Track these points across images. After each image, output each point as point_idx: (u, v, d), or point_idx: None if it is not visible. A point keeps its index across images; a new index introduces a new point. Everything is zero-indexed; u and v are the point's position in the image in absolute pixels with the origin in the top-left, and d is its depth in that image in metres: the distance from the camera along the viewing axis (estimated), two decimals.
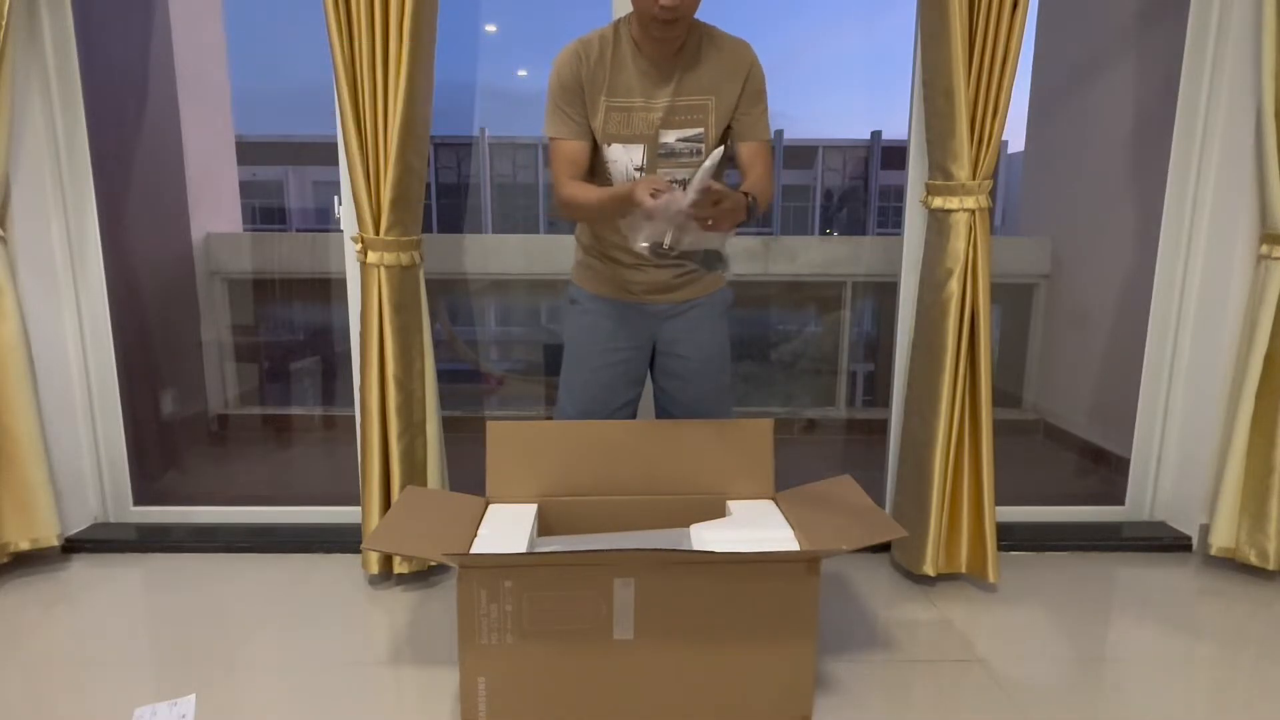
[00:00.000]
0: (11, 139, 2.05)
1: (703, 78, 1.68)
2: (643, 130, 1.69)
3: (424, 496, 1.88)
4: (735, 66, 1.69)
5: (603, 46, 1.68)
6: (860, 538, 1.56)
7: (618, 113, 1.69)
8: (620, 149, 1.71)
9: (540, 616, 1.45)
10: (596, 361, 1.85)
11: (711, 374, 1.89)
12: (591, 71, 1.67)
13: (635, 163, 1.71)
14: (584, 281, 1.87)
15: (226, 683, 1.68)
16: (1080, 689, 1.68)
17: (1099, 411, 3.13)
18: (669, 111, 1.68)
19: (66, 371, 2.29)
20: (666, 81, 1.67)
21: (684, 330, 1.85)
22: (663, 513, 1.81)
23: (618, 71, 1.67)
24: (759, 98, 1.72)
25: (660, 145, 1.70)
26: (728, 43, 1.70)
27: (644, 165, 1.71)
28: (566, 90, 1.68)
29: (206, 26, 3.41)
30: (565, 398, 1.89)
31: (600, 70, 1.67)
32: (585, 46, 1.68)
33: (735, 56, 1.69)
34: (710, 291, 1.86)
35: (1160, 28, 2.71)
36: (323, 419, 3.56)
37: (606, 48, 1.67)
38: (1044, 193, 3.62)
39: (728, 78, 1.68)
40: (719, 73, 1.68)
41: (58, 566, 2.21)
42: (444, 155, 7.90)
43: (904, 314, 2.21)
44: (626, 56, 1.67)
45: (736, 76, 1.69)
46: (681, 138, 1.70)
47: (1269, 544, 2.11)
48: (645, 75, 1.67)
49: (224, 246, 3.41)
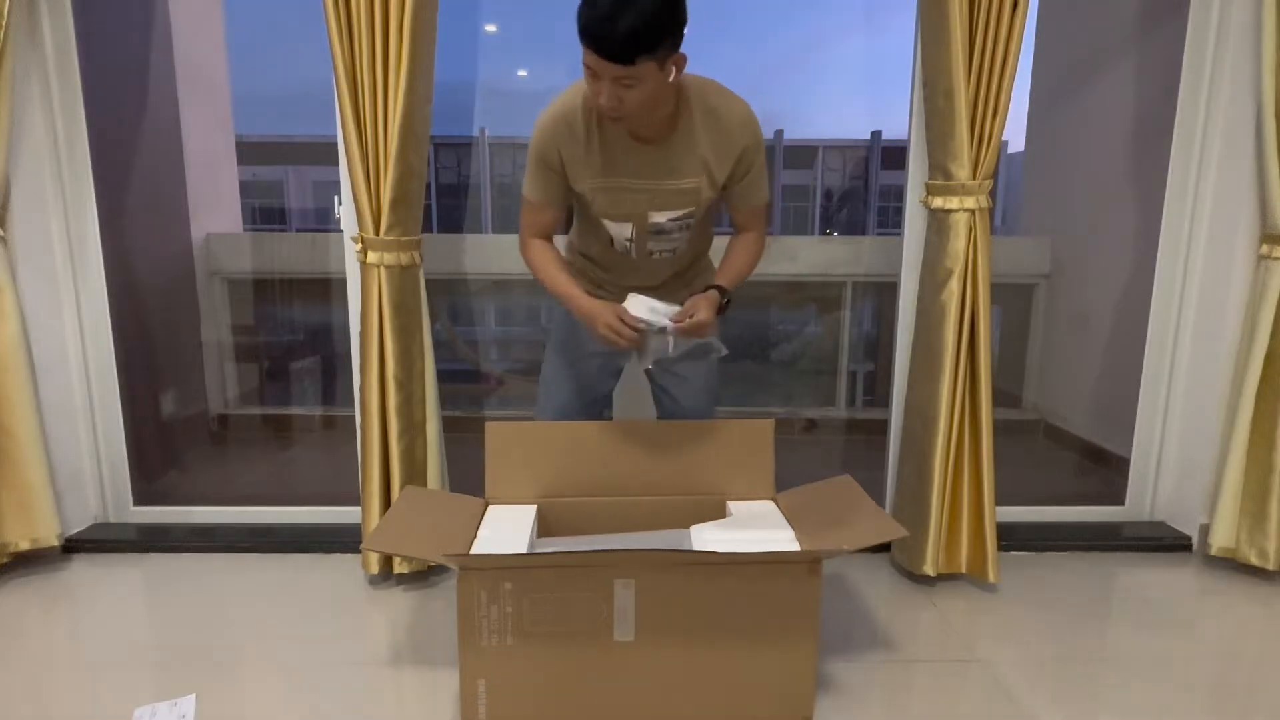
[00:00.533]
0: (11, 139, 2.05)
1: (693, 159, 1.59)
2: (631, 210, 1.66)
3: (423, 497, 1.88)
4: (730, 148, 1.59)
5: (587, 121, 1.58)
6: (860, 538, 1.56)
7: (604, 193, 1.64)
8: (611, 223, 1.70)
9: (540, 618, 1.45)
10: (576, 354, 1.87)
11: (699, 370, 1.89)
12: (575, 151, 1.60)
13: (625, 235, 1.72)
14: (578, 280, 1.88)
15: (226, 683, 1.68)
16: (1080, 689, 1.68)
17: (1099, 411, 3.13)
18: (656, 194, 1.63)
19: (66, 371, 2.29)
20: (652, 163, 1.59)
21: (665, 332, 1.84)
22: (663, 513, 1.81)
23: (599, 151, 1.59)
24: (757, 167, 1.64)
25: (650, 224, 1.68)
26: (726, 118, 1.58)
27: (633, 238, 1.72)
28: (545, 163, 1.63)
29: (206, 26, 3.42)
30: (545, 389, 1.92)
31: (585, 150, 1.59)
32: (569, 121, 1.58)
33: (730, 135, 1.59)
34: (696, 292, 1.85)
35: (1160, 28, 2.71)
36: (323, 419, 3.56)
37: (591, 122, 1.58)
38: (1044, 193, 3.62)
39: (721, 157, 1.60)
40: (711, 154, 1.59)
41: (58, 566, 2.21)
42: (444, 155, 7.90)
43: (904, 314, 2.21)
44: (611, 135, 1.58)
45: (730, 155, 1.60)
46: (673, 218, 1.68)
47: (1269, 544, 2.11)
48: (629, 155, 1.59)
49: (224, 246, 3.42)
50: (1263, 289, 2.09)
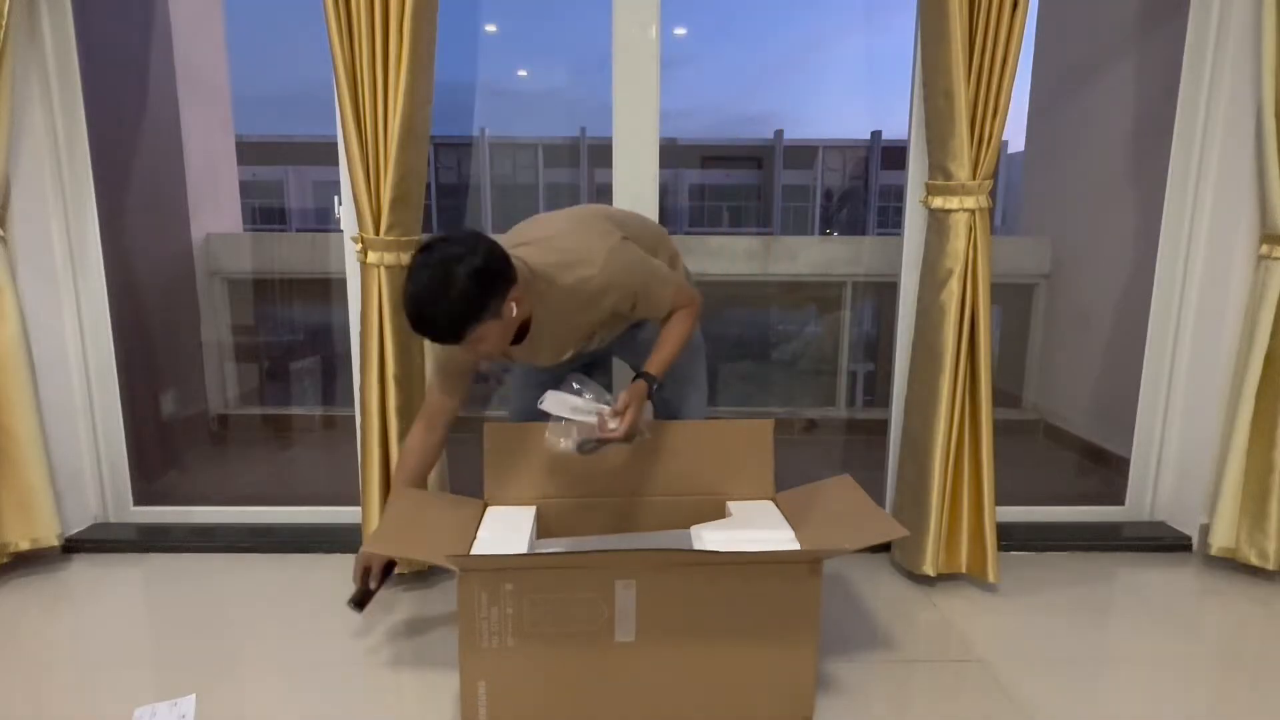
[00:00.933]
0: (11, 139, 2.05)
1: (574, 332, 1.68)
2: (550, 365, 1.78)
3: (421, 498, 1.88)
4: (597, 309, 1.62)
5: None
6: (861, 538, 1.56)
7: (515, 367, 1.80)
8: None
9: (541, 619, 1.45)
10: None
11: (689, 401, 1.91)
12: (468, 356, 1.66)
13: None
14: None
15: (226, 683, 1.68)
16: (1080, 689, 1.68)
17: (1099, 411, 3.13)
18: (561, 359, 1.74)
19: (66, 371, 2.29)
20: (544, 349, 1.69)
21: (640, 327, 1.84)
22: (662, 514, 1.81)
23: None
24: (639, 294, 1.64)
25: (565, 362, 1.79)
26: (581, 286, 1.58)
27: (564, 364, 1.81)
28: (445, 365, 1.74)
29: (206, 26, 3.42)
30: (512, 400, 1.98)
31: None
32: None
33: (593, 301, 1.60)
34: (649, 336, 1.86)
35: (1160, 28, 2.71)
36: (323, 419, 3.57)
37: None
38: (1044, 193, 3.62)
39: (597, 319, 1.66)
40: (587, 320, 1.65)
41: (58, 566, 2.21)
42: (444, 155, 7.90)
43: (904, 314, 2.21)
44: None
45: (603, 311, 1.63)
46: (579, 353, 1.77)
47: (1269, 544, 2.11)
48: (523, 351, 1.68)
49: (224, 246, 3.42)
50: (1263, 289, 2.10)
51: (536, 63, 4.16)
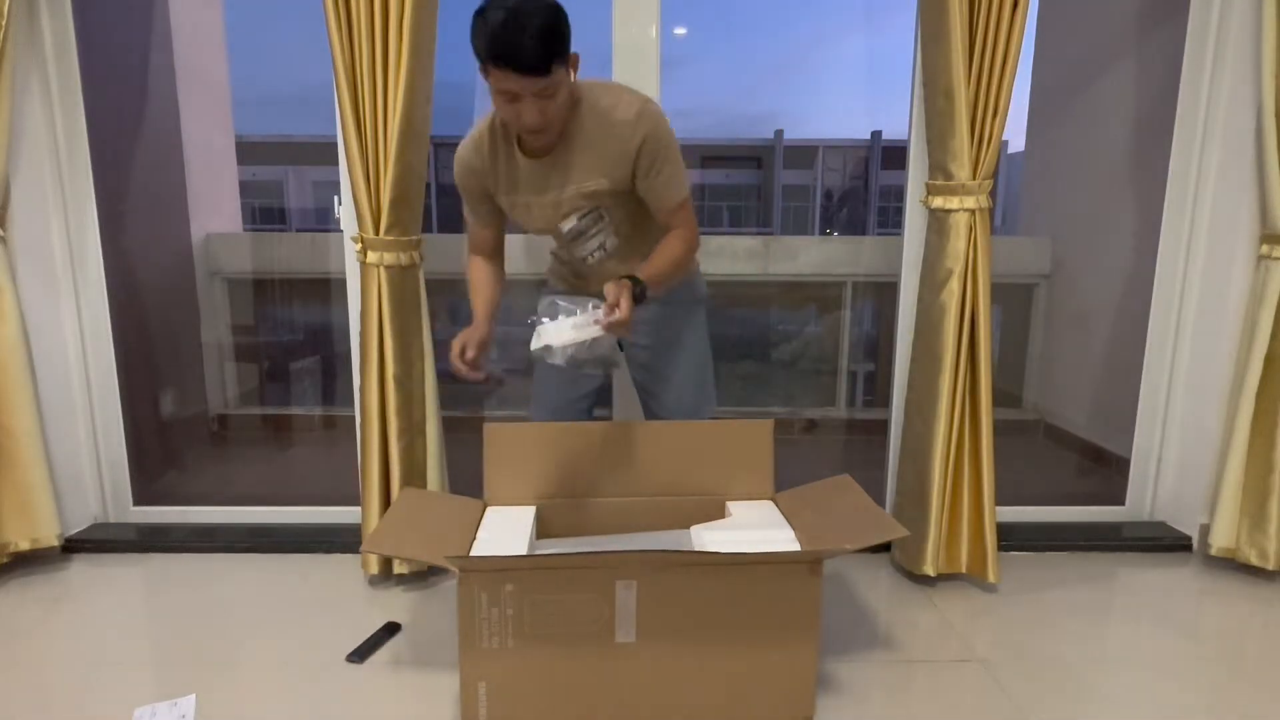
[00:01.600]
0: (11, 139, 2.05)
1: (593, 164, 1.59)
2: (544, 223, 1.71)
3: (421, 498, 1.88)
4: (624, 146, 1.57)
5: (493, 143, 1.65)
6: (861, 538, 1.56)
7: (519, 208, 1.70)
8: (535, 234, 1.76)
9: (541, 620, 1.45)
10: None
11: (687, 367, 1.87)
12: (485, 174, 1.68)
13: (552, 246, 1.79)
14: (556, 280, 1.92)
15: (226, 683, 1.68)
16: (1080, 689, 1.68)
17: (1099, 411, 3.13)
18: (563, 203, 1.65)
19: (66, 371, 2.29)
20: (553, 172, 1.62)
21: (652, 322, 1.82)
22: (662, 514, 1.81)
23: (506, 171, 1.66)
24: (658, 165, 1.59)
25: (565, 231, 1.71)
26: (617, 118, 1.56)
27: (560, 247, 1.78)
28: (466, 190, 1.74)
29: (206, 26, 3.42)
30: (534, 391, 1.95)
31: (492, 172, 1.67)
32: (476, 148, 1.67)
33: (623, 136, 1.56)
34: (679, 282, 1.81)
35: (1160, 28, 2.71)
36: (323, 419, 3.57)
37: (497, 145, 1.65)
38: (1044, 193, 3.62)
39: (616, 160, 1.58)
40: (610, 155, 1.58)
41: (58, 566, 2.21)
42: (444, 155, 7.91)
43: (904, 314, 2.21)
44: (512, 155, 1.64)
45: (625, 156, 1.58)
46: (582, 215, 1.68)
47: (1269, 544, 2.11)
48: (532, 171, 1.63)
49: (224, 246, 3.42)
50: (1263, 289, 2.09)
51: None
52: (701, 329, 1.90)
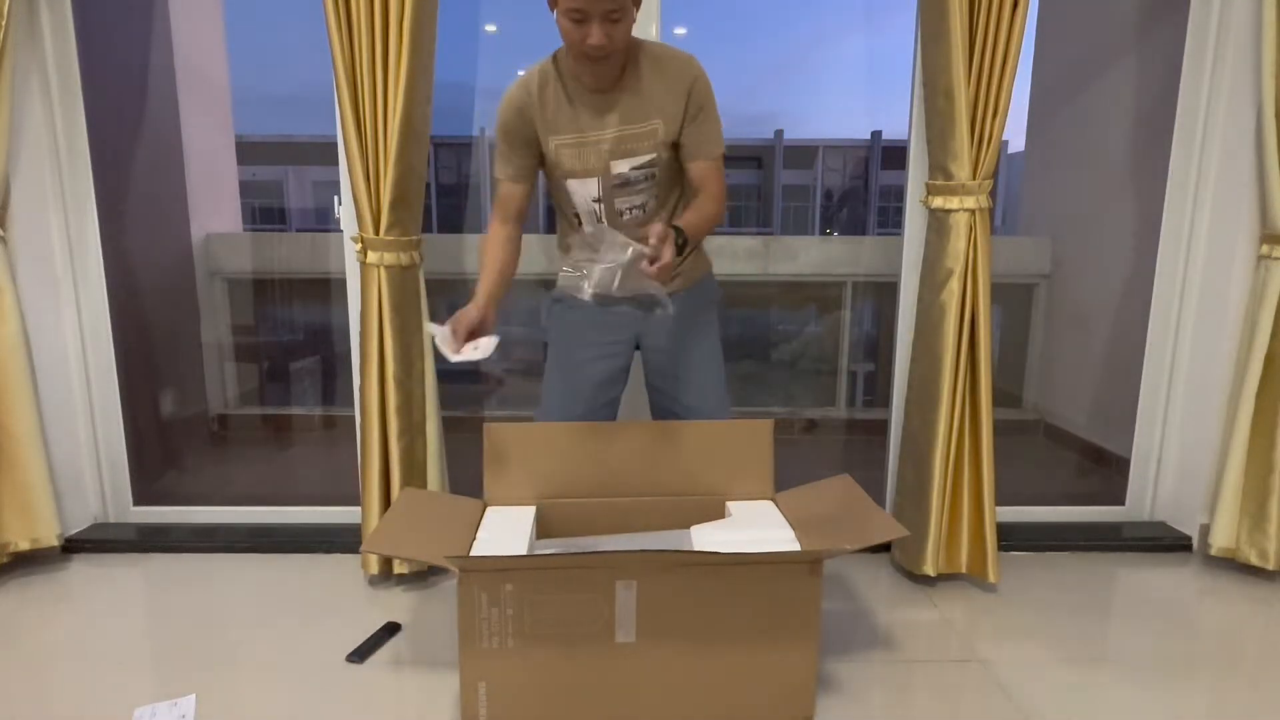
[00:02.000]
0: (11, 139, 2.05)
1: (646, 102, 1.65)
2: (594, 164, 1.68)
3: (421, 499, 1.88)
4: (677, 85, 1.65)
5: (543, 83, 1.66)
6: (861, 538, 1.56)
7: (568, 149, 1.68)
8: (576, 183, 1.71)
9: (541, 620, 1.45)
10: (578, 357, 1.85)
11: (702, 368, 1.86)
12: (535, 112, 1.67)
13: (592, 195, 1.73)
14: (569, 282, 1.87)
15: (226, 683, 1.68)
16: (1080, 689, 1.68)
17: (1099, 411, 3.13)
18: (617, 141, 1.66)
19: (66, 371, 2.29)
20: (610, 111, 1.65)
21: (666, 324, 1.82)
22: (662, 514, 1.81)
23: (561, 107, 1.66)
24: (705, 114, 1.67)
25: (614, 176, 1.69)
26: (669, 61, 1.66)
27: (600, 197, 1.72)
28: (509, 133, 1.70)
29: (206, 26, 3.42)
30: (546, 396, 1.89)
31: (544, 109, 1.66)
32: (526, 87, 1.68)
33: (677, 74, 1.65)
34: (692, 284, 1.84)
35: (1160, 28, 2.71)
36: (323, 419, 3.57)
37: (548, 84, 1.66)
38: (1044, 193, 3.62)
39: (671, 98, 1.65)
40: (662, 94, 1.65)
41: (58, 566, 2.21)
42: (444, 155, 7.90)
43: (904, 314, 2.21)
44: (568, 90, 1.66)
45: (679, 95, 1.65)
46: (634, 165, 1.68)
47: (1269, 544, 2.11)
48: (588, 107, 1.65)
49: (224, 246, 3.42)
50: (1263, 289, 2.10)
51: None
52: (716, 330, 1.90)
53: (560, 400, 1.86)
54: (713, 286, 1.91)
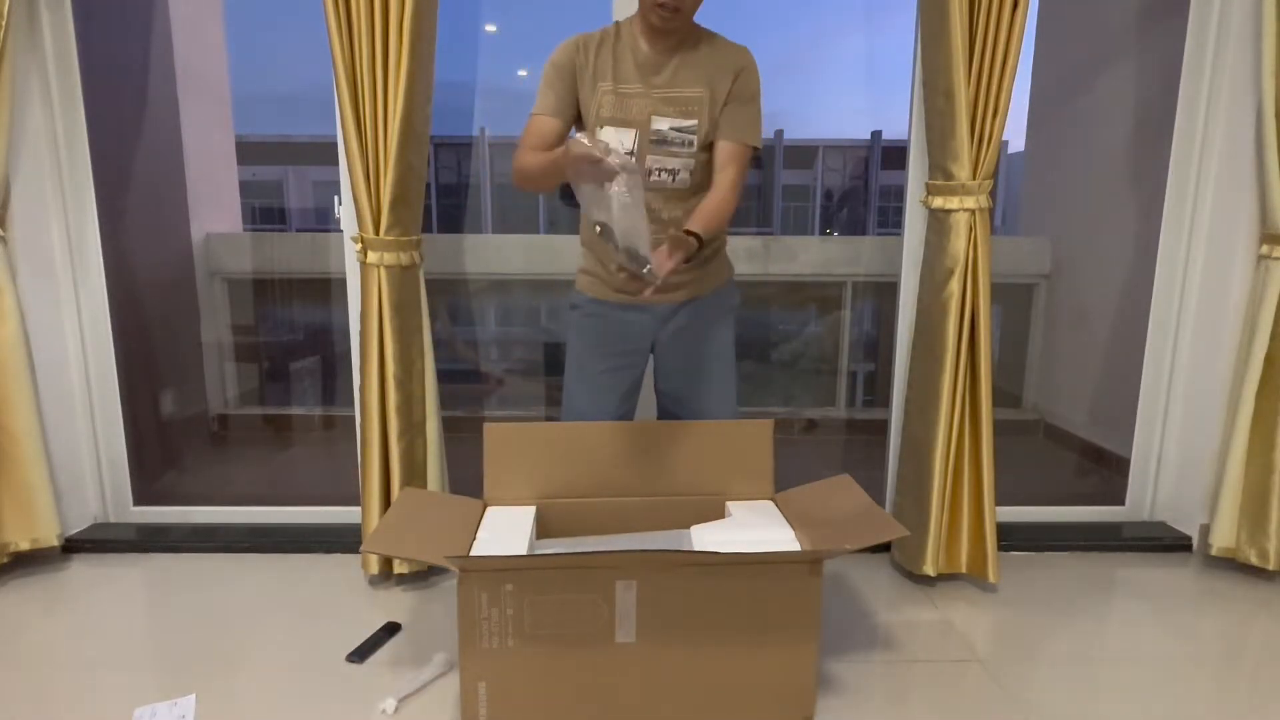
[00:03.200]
0: (11, 139, 2.05)
1: (699, 70, 1.70)
2: (637, 115, 1.70)
3: (421, 498, 1.88)
4: (729, 64, 1.71)
5: (604, 39, 1.72)
6: (861, 538, 1.56)
7: (613, 96, 1.70)
8: (612, 132, 1.71)
9: (541, 620, 1.45)
10: (597, 367, 1.85)
11: (715, 374, 1.87)
12: (590, 58, 1.71)
13: (626, 146, 1.71)
14: (585, 286, 1.85)
15: (226, 683, 1.68)
16: (1080, 689, 1.68)
17: (1099, 411, 3.13)
18: (664, 100, 1.69)
19: (66, 371, 2.29)
20: (663, 69, 1.70)
21: (682, 329, 1.83)
22: (662, 514, 1.81)
23: (617, 60, 1.70)
24: (748, 99, 1.72)
25: (653, 131, 1.69)
26: (725, 44, 1.74)
27: (634, 150, 1.71)
28: (558, 69, 1.72)
29: (206, 26, 3.41)
30: (569, 409, 1.89)
31: (600, 58, 1.70)
32: (586, 37, 1.73)
33: (729, 56, 1.72)
34: (712, 290, 1.84)
35: (1160, 28, 2.71)
36: (323, 419, 3.56)
37: (608, 40, 1.72)
38: (1044, 193, 3.62)
39: (721, 73, 1.70)
40: (714, 68, 1.71)
41: (58, 566, 2.21)
42: (444, 155, 7.89)
43: (904, 314, 2.21)
44: (626, 48, 1.71)
45: (729, 72, 1.71)
46: (675, 126, 1.70)
47: (1269, 544, 2.11)
48: (644, 64, 1.70)
49: (224, 246, 3.41)
50: (1263, 289, 2.10)
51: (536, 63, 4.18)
52: (731, 339, 1.90)
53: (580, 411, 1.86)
54: (731, 293, 1.90)
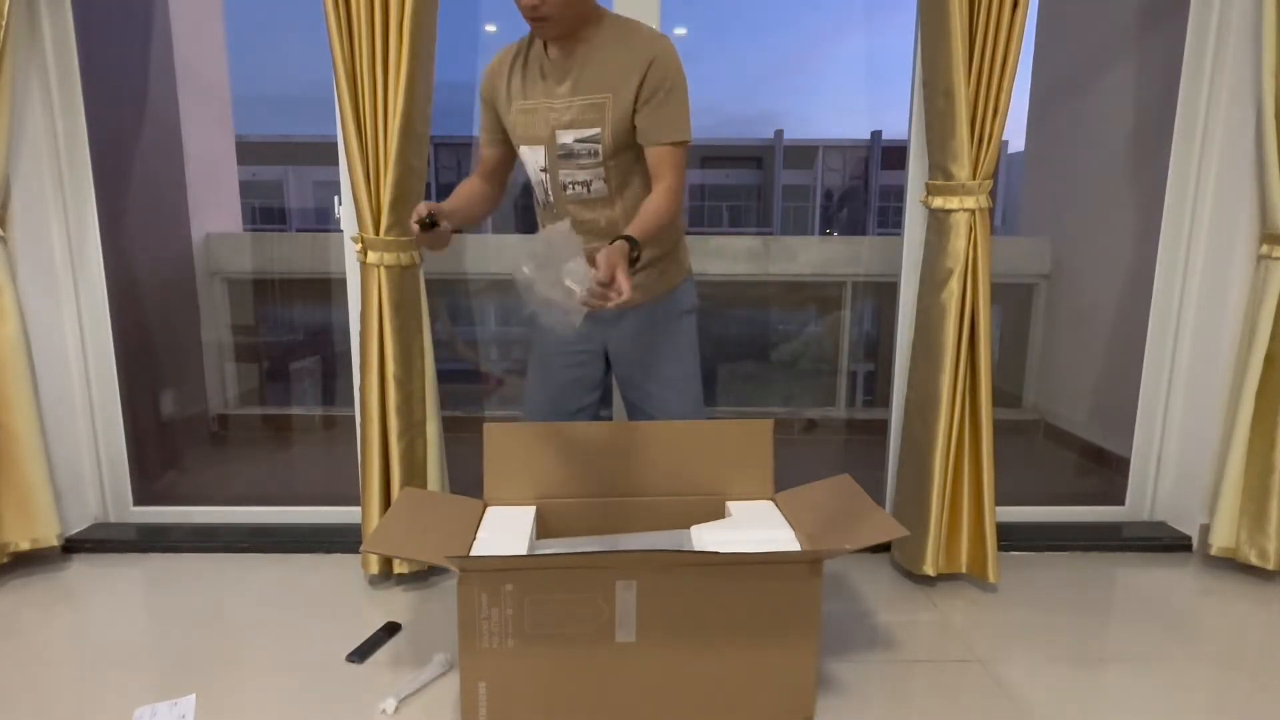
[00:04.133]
0: (11, 139, 2.05)
1: (601, 75, 1.60)
2: (543, 131, 1.67)
3: (421, 498, 1.88)
4: (635, 60, 1.57)
5: (518, 51, 1.71)
6: (861, 538, 1.56)
7: (524, 114, 1.69)
8: (527, 150, 1.72)
9: (541, 620, 1.45)
10: (553, 364, 1.88)
11: (673, 380, 1.83)
12: (502, 83, 1.71)
13: (540, 164, 1.71)
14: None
15: (226, 683, 1.68)
16: (1080, 689, 1.68)
17: (1099, 411, 3.13)
18: (565, 111, 1.64)
19: (66, 371, 2.29)
20: (565, 80, 1.63)
21: (632, 336, 1.80)
22: (662, 514, 1.81)
23: (525, 74, 1.69)
24: (664, 94, 1.58)
25: (559, 146, 1.66)
26: (634, 35, 1.61)
27: (547, 166, 1.70)
28: (483, 101, 1.77)
29: (206, 26, 3.41)
30: (525, 399, 1.94)
31: (511, 76, 1.70)
32: (503, 54, 1.73)
33: (637, 49, 1.58)
34: (665, 292, 1.80)
35: (1160, 28, 2.71)
36: (323, 419, 3.56)
37: (521, 52, 1.70)
38: (1044, 193, 3.62)
39: (628, 71, 1.58)
40: (618, 69, 1.59)
41: (58, 566, 2.21)
42: (444, 155, 7.90)
43: (904, 314, 2.21)
44: (536, 57, 1.68)
45: (635, 71, 1.57)
46: (579, 138, 1.64)
47: (1269, 544, 2.11)
48: (547, 76, 1.66)
49: (224, 246, 3.41)
50: (1263, 289, 2.10)
51: None
52: (689, 340, 1.85)
53: (534, 405, 1.91)
54: (685, 296, 1.84)
